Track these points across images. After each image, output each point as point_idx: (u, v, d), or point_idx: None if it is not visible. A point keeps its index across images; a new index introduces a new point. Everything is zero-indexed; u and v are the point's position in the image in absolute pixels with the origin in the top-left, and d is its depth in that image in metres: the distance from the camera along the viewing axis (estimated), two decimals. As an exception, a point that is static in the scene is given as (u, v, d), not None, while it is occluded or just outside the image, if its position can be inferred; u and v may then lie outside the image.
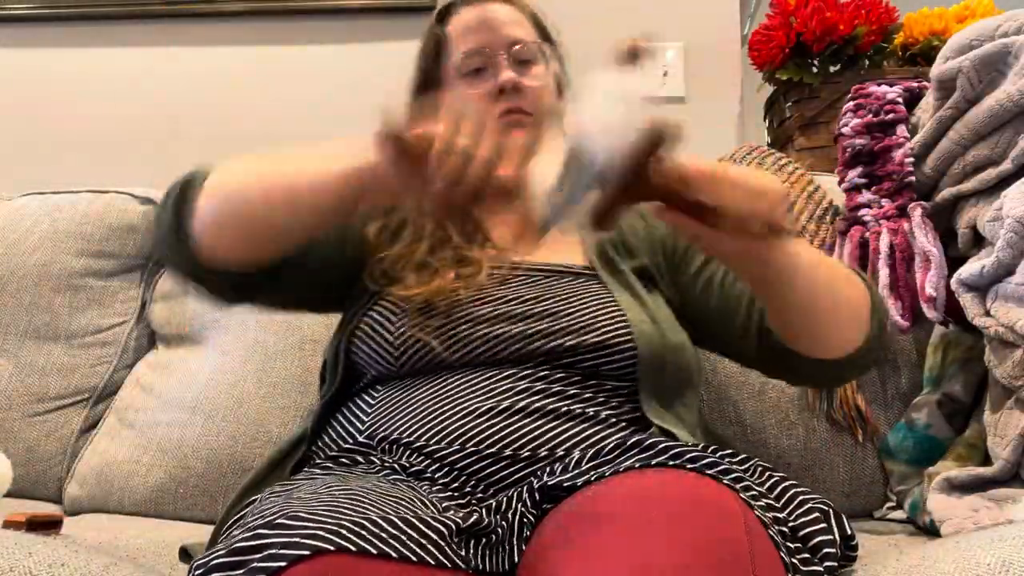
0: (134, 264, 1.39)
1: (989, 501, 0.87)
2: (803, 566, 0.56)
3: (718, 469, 0.58)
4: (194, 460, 1.17)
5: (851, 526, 0.65)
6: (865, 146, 1.09)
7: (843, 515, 0.65)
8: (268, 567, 0.50)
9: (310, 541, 0.52)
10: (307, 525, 0.53)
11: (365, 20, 1.80)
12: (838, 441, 1.11)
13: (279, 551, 0.51)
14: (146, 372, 1.29)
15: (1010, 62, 0.94)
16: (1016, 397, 0.89)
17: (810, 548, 0.58)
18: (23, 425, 1.24)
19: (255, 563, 0.51)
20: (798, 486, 0.65)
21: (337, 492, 0.62)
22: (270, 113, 1.79)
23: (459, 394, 0.77)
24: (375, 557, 0.52)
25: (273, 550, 0.51)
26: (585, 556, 0.52)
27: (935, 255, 0.98)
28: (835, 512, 0.64)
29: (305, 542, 0.52)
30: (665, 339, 0.82)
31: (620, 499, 0.55)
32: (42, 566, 0.56)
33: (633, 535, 0.51)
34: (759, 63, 1.55)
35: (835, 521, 0.63)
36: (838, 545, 0.62)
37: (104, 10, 1.83)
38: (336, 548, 0.51)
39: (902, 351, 1.16)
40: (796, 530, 0.59)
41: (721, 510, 0.53)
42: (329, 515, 0.55)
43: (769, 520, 0.56)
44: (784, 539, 0.56)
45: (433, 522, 0.58)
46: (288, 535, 0.52)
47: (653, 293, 0.90)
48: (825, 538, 0.59)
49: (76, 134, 1.82)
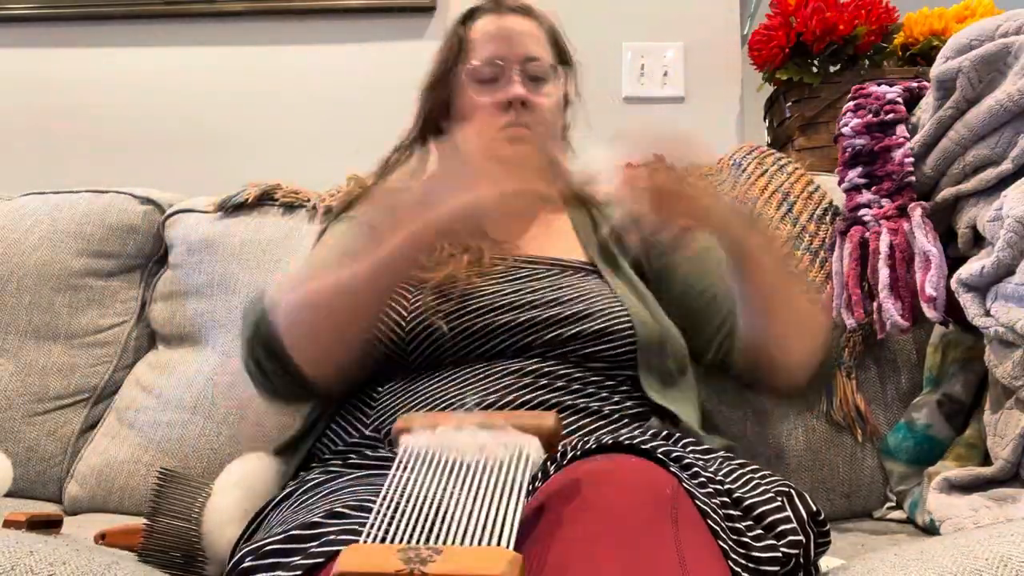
0: (134, 264, 1.39)
1: (989, 501, 0.87)
2: (756, 542, 0.57)
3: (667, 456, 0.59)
4: (194, 460, 1.17)
5: (815, 502, 0.65)
6: (865, 146, 1.09)
7: (805, 494, 0.65)
8: (326, 551, 0.53)
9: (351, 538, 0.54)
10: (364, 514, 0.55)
11: (365, 20, 1.80)
12: (838, 441, 1.11)
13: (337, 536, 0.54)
14: (146, 372, 1.29)
15: (1010, 62, 0.94)
16: (1016, 397, 0.89)
17: (765, 526, 0.59)
18: (23, 425, 1.24)
19: (312, 548, 0.54)
20: (760, 471, 0.67)
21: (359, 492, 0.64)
22: (270, 113, 1.79)
23: (462, 389, 0.79)
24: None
25: (328, 537, 0.54)
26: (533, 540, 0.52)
27: (935, 255, 0.98)
28: (797, 492, 0.65)
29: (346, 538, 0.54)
30: (662, 326, 0.87)
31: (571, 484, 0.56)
32: (43, 564, 0.56)
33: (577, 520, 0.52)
34: (759, 63, 1.55)
35: (798, 501, 0.64)
36: (806, 523, 0.63)
37: (104, 10, 1.83)
38: None
39: (902, 351, 1.16)
40: (751, 508, 0.60)
41: (654, 495, 0.53)
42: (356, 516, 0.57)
43: (714, 505, 0.56)
44: (734, 520, 0.57)
45: None
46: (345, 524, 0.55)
47: (648, 289, 0.94)
48: (780, 516, 0.60)
49: (76, 134, 1.82)
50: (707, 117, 1.71)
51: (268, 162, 1.74)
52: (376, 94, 1.75)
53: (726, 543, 0.55)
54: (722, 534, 0.55)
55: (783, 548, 0.59)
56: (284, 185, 1.39)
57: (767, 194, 1.24)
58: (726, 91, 1.73)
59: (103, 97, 1.83)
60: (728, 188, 0.83)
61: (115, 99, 1.82)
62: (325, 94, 1.78)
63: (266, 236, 1.33)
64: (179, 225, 1.38)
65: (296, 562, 0.53)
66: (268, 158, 1.76)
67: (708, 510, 0.56)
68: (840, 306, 1.08)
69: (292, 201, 1.37)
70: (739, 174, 1.29)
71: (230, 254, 1.32)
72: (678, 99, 1.73)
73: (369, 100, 1.75)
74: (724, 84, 1.73)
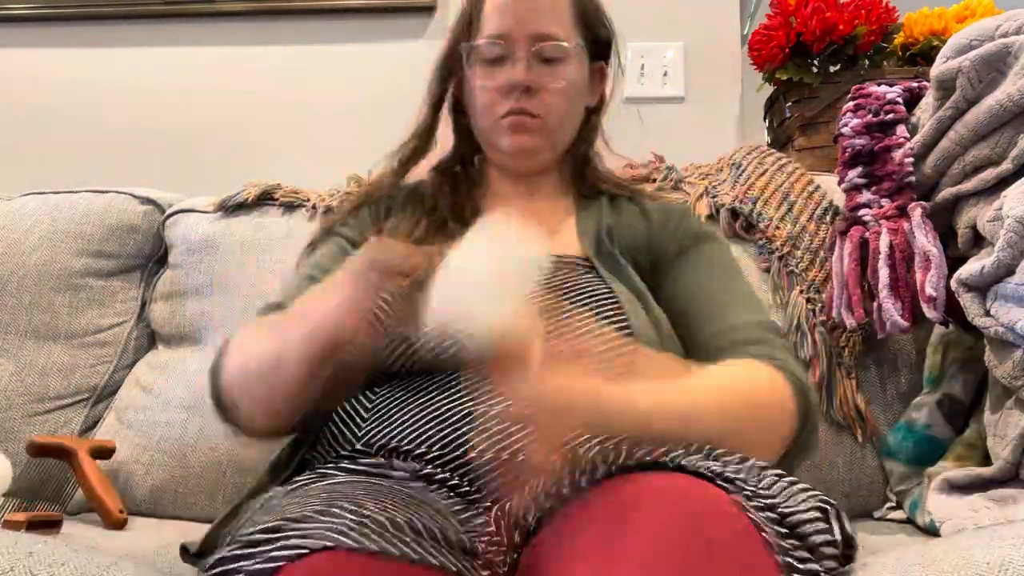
0: (134, 264, 1.39)
1: (989, 501, 0.87)
2: (800, 564, 0.55)
3: (712, 472, 0.58)
4: (193, 460, 1.17)
5: (852, 526, 0.64)
6: (865, 146, 1.09)
7: (843, 513, 0.63)
8: (283, 555, 0.52)
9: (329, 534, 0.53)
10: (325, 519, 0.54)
11: (365, 20, 1.80)
12: (838, 441, 1.11)
13: (296, 540, 0.52)
14: (146, 372, 1.29)
15: (1010, 62, 0.94)
16: (1016, 397, 0.89)
17: (808, 546, 0.57)
18: (23, 425, 1.24)
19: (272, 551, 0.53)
20: (797, 482, 0.64)
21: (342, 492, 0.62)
22: (270, 113, 1.79)
23: (452, 399, 0.75)
24: (376, 555, 0.53)
25: (287, 541, 0.53)
26: (585, 561, 0.51)
27: (935, 255, 0.98)
28: (836, 511, 0.63)
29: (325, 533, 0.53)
30: (663, 338, 0.83)
31: (619, 504, 0.55)
32: (42, 565, 0.56)
33: (634, 540, 0.50)
34: (759, 63, 1.55)
35: (835, 520, 0.62)
36: (838, 544, 0.61)
37: (104, 10, 1.84)
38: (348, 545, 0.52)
39: (902, 351, 1.16)
40: (794, 527, 0.58)
41: (717, 513, 0.52)
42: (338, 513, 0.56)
43: (763, 521, 0.55)
44: (781, 538, 0.55)
45: (432, 525, 0.58)
46: (303, 529, 0.53)
47: (649, 290, 0.90)
48: (824, 538, 0.58)
49: (76, 134, 1.82)
50: (707, 117, 1.71)
51: (268, 162, 1.74)
52: (376, 94, 1.75)
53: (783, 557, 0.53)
54: (777, 550, 0.53)
55: (824, 561, 0.57)
56: (284, 185, 1.39)
57: (767, 194, 1.24)
58: (726, 91, 1.73)
59: (103, 97, 1.83)
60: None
61: (115, 99, 1.83)
62: (325, 94, 1.78)
63: (266, 236, 1.33)
64: (179, 225, 1.38)
65: (275, 552, 0.52)
66: (268, 158, 1.76)
67: (761, 523, 0.54)
68: (840, 306, 1.08)
69: (292, 201, 1.36)
70: (739, 174, 1.29)
71: (230, 254, 1.32)
72: (678, 99, 1.73)
73: (369, 100, 1.75)
74: (724, 84, 1.73)
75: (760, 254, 1.21)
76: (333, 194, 1.36)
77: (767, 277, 1.20)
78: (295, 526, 0.54)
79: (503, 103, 0.91)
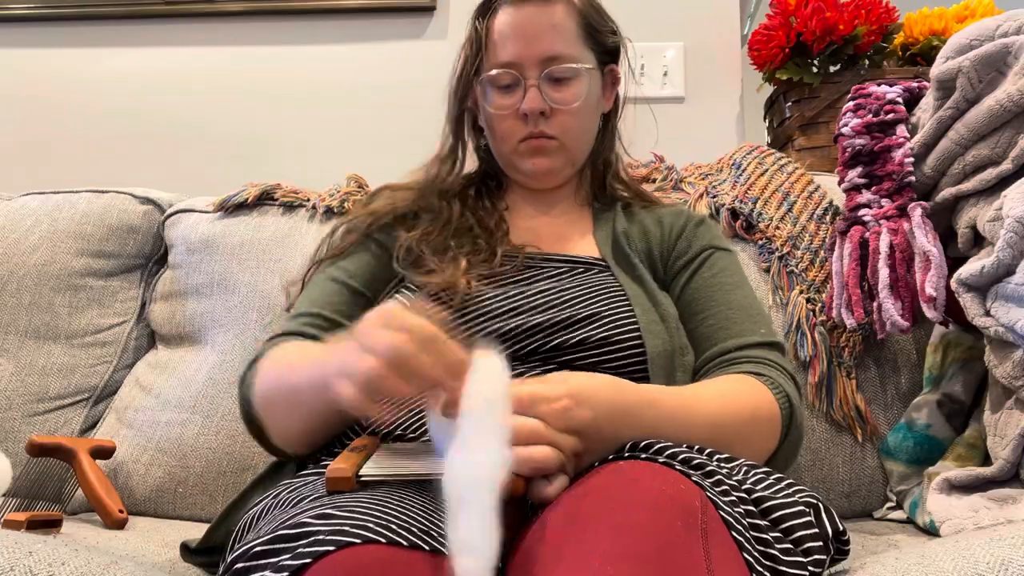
0: (134, 264, 1.39)
1: (989, 501, 0.87)
2: (784, 556, 0.55)
3: (689, 464, 0.58)
4: (193, 459, 1.17)
5: (841, 521, 0.64)
6: (865, 146, 1.09)
7: (832, 509, 0.64)
8: (313, 551, 0.51)
9: (357, 530, 0.52)
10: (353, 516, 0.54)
11: (365, 20, 1.80)
12: (838, 441, 1.11)
13: (325, 537, 0.52)
14: (146, 372, 1.29)
15: (1010, 62, 0.94)
16: (1016, 397, 0.89)
17: (793, 540, 0.58)
18: (23, 425, 1.24)
19: (300, 548, 0.52)
20: (785, 479, 0.65)
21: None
22: (270, 113, 1.79)
23: None
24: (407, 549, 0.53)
25: (317, 536, 0.52)
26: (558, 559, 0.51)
27: (935, 255, 0.98)
28: (824, 507, 0.63)
29: (354, 531, 0.52)
30: (673, 340, 0.83)
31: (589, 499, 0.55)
32: (42, 565, 0.56)
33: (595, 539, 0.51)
34: (759, 63, 1.55)
35: (825, 516, 0.63)
36: (829, 539, 0.62)
37: (104, 10, 1.83)
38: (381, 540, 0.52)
39: (902, 351, 1.16)
40: (778, 521, 0.58)
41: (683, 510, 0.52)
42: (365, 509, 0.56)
43: (738, 515, 0.55)
44: (760, 531, 0.56)
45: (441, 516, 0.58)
46: (334, 524, 0.53)
47: (662, 291, 0.91)
48: (808, 532, 0.59)
49: (76, 134, 1.82)
50: (707, 117, 1.71)
51: (268, 162, 1.75)
52: (376, 94, 1.75)
53: (751, 555, 0.53)
54: (747, 545, 0.54)
55: (810, 567, 0.57)
56: (284, 185, 1.39)
57: (767, 194, 1.25)
58: (726, 91, 1.73)
59: (103, 97, 1.83)
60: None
61: (115, 99, 1.83)
62: (325, 94, 1.78)
63: (266, 236, 1.33)
64: (179, 225, 1.38)
65: (284, 562, 0.52)
66: (268, 158, 1.76)
67: (732, 521, 0.54)
68: (840, 306, 1.08)
69: (292, 201, 1.37)
70: (739, 174, 1.29)
71: (230, 254, 1.32)
72: (678, 99, 1.73)
73: (369, 100, 1.75)
74: (724, 84, 1.73)
75: (760, 254, 1.21)
76: (333, 194, 1.36)
77: (767, 277, 1.20)
78: (318, 524, 0.54)
79: (520, 128, 0.93)
